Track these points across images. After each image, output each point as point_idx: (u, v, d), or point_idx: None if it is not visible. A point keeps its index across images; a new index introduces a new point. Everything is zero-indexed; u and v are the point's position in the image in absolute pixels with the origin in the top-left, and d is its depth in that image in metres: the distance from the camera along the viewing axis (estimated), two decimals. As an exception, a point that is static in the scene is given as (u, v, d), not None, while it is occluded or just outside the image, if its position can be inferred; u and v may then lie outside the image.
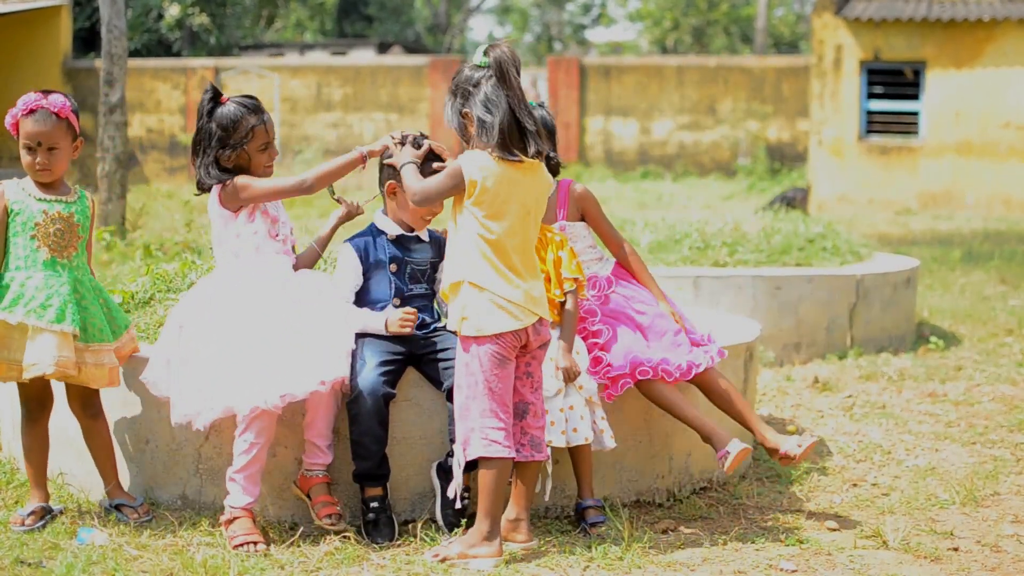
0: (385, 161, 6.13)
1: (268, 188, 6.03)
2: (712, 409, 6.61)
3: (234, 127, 6.02)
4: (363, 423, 5.84)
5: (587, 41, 68.83)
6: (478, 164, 5.59)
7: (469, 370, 5.60)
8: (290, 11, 54.63)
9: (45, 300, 5.86)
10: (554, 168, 6.46)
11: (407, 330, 6.00)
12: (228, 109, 6.06)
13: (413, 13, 59.67)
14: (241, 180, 6.01)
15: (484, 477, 5.59)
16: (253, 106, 6.11)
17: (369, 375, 5.85)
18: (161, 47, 39.83)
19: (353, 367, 5.89)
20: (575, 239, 6.54)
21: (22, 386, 6.04)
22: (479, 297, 5.58)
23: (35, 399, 6.07)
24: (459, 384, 5.65)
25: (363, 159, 6.06)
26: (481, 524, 5.57)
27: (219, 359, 5.79)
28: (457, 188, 5.62)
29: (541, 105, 6.53)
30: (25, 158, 5.99)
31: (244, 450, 5.78)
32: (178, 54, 39.60)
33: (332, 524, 5.81)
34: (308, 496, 5.96)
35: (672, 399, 6.36)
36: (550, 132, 6.47)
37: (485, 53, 5.63)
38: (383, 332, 6.02)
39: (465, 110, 5.65)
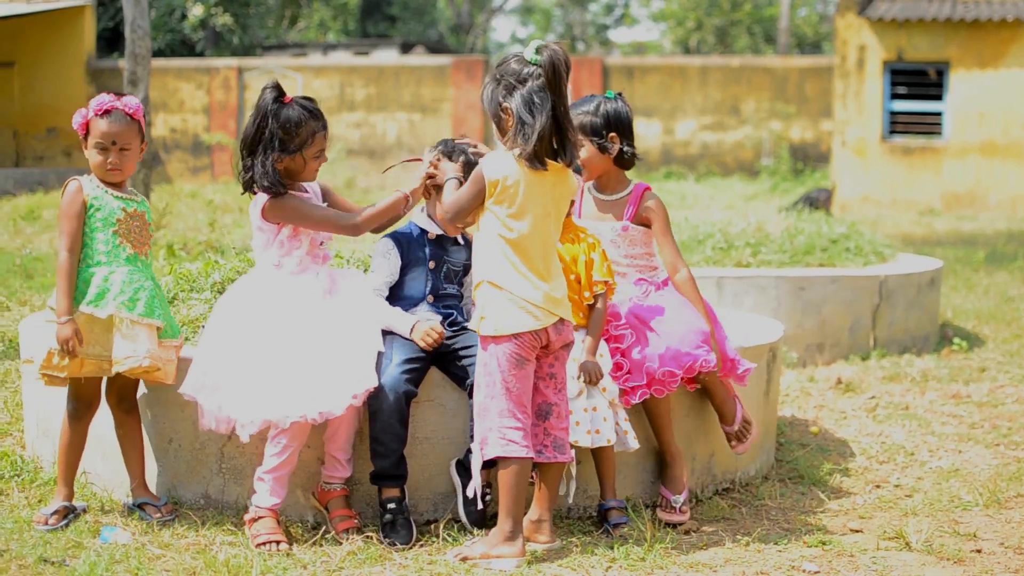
0: (429, 183, 6.14)
1: (319, 218, 5.99)
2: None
3: (296, 131, 5.94)
4: (383, 419, 5.84)
5: (610, 41, 68.75)
6: (498, 165, 5.58)
7: (487, 370, 5.60)
8: (313, 11, 54.70)
9: (133, 294, 5.90)
10: (629, 162, 6.47)
11: (427, 343, 6.00)
12: (292, 112, 5.95)
13: (436, 13, 59.69)
14: (295, 201, 5.97)
15: (503, 477, 5.59)
16: (315, 111, 6.03)
17: (392, 372, 5.85)
18: (184, 47, 39.89)
19: (377, 364, 5.90)
20: (633, 244, 6.52)
21: (74, 384, 6.04)
22: (498, 297, 5.58)
23: (84, 398, 6.07)
24: (478, 384, 5.65)
25: (407, 199, 6.05)
26: (503, 524, 5.57)
27: (258, 370, 5.80)
28: (480, 193, 5.61)
29: (619, 95, 6.52)
30: (95, 158, 6.01)
31: (277, 452, 5.79)
32: (201, 54, 39.66)
33: (348, 540, 5.79)
34: (326, 509, 5.97)
35: (660, 419, 6.35)
36: (626, 125, 6.46)
37: (538, 51, 5.54)
38: (406, 336, 6.03)
39: (505, 104, 5.60)
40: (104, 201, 5.98)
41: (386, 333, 6.05)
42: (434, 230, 6.24)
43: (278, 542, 5.67)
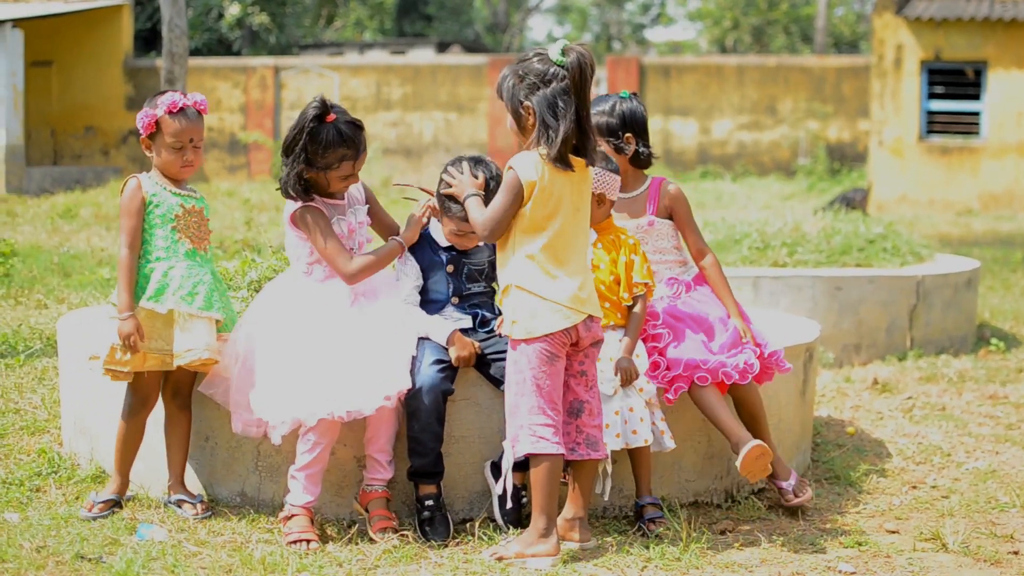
0: (443, 192, 6.09)
1: (327, 247, 5.98)
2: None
3: (324, 152, 5.94)
4: (422, 419, 5.85)
5: (646, 40, 68.67)
6: (531, 166, 5.54)
7: (518, 368, 5.59)
8: (350, 10, 54.81)
9: (192, 288, 5.97)
10: (646, 161, 6.48)
11: (460, 364, 6.01)
12: (327, 134, 5.94)
13: (472, 12, 59.73)
14: (320, 221, 6.00)
15: (535, 474, 5.58)
16: (352, 138, 5.98)
17: (428, 371, 5.87)
18: (221, 46, 40.05)
19: (412, 364, 5.91)
20: (660, 237, 6.53)
21: (134, 379, 6.06)
22: (528, 300, 5.56)
23: (141, 394, 6.10)
24: (509, 382, 5.65)
25: (402, 248, 6.11)
26: (537, 522, 5.56)
27: (286, 371, 5.82)
28: (518, 199, 5.55)
29: (635, 95, 6.52)
30: (169, 156, 6.09)
31: (307, 449, 5.81)
32: (238, 53, 39.81)
33: (383, 539, 5.78)
34: (366, 510, 5.98)
35: (713, 405, 6.30)
36: (641, 125, 6.47)
37: (564, 52, 5.52)
38: (443, 344, 6.03)
39: (527, 104, 5.57)
40: (163, 198, 6.06)
41: (420, 337, 6.06)
42: (444, 241, 6.23)
43: (309, 540, 5.69)
